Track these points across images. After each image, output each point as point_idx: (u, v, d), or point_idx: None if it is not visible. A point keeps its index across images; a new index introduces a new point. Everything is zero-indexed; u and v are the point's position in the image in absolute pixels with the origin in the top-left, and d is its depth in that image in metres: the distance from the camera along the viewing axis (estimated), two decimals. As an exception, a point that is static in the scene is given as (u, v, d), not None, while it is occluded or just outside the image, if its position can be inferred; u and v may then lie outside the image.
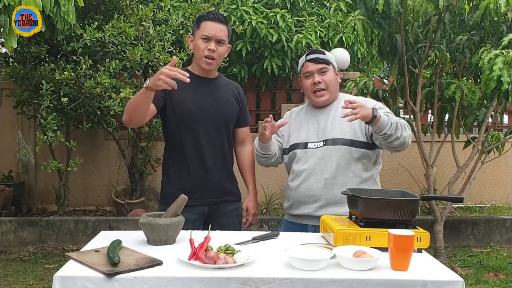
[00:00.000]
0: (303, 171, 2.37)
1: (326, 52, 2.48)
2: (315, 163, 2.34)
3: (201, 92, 2.43)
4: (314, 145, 2.37)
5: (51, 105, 4.26)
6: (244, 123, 2.61)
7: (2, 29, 2.86)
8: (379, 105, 2.37)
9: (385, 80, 5.69)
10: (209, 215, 2.47)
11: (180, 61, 4.38)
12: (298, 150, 2.42)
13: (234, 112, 2.54)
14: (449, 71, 4.44)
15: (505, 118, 6.12)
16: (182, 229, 2.02)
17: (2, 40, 3.03)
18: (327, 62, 2.40)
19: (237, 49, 5.32)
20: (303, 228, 2.38)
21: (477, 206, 5.89)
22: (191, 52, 2.87)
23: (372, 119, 2.11)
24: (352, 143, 2.32)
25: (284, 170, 2.56)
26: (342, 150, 2.31)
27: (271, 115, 2.35)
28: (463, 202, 5.78)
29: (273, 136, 2.52)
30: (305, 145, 2.40)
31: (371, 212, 1.93)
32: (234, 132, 2.59)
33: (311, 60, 2.41)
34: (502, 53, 3.32)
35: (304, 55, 2.48)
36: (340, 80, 2.49)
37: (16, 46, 2.96)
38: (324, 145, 2.35)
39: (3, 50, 4.76)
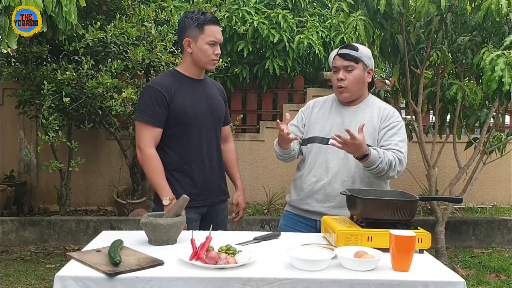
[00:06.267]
0: (321, 167, 2.36)
1: (360, 48, 2.39)
2: (336, 162, 2.33)
3: (198, 94, 2.45)
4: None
5: (53, 105, 4.25)
6: (227, 121, 2.68)
7: (1, 30, 2.86)
8: (397, 126, 2.34)
9: (386, 81, 5.69)
10: (205, 215, 2.49)
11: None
12: (318, 144, 2.39)
13: (223, 111, 2.59)
14: (451, 71, 4.43)
15: (507, 119, 6.09)
16: (187, 228, 2.03)
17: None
18: (356, 60, 2.34)
19: (238, 50, 5.31)
20: (311, 223, 2.38)
21: (479, 207, 5.87)
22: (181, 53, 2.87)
23: (361, 157, 2.14)
24: None
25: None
26: None
27: (278, 120, 2.30)
28: (464, 203, 5.77)
29: (293, 131, 2.52)
30: (326, 141, 2.37)
31: (370, 212, 1.93)
32: None
33: (340, 55, 2.37)
34: (504, 54, 3.32)
35: (338, 48, 2.44)
36: (369, 80, 2.43)
37: (15, 47, 2.95)
38: None
39: (5, 50, 4.76)
